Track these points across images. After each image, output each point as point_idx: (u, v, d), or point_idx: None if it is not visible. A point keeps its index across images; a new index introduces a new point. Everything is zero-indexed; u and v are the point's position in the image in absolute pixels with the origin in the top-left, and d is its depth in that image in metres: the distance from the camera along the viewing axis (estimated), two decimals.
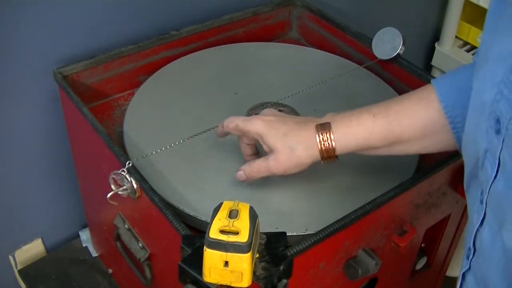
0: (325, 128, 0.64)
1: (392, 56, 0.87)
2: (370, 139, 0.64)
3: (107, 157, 0.71)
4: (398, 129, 0.63)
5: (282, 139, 0.64)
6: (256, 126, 0.65)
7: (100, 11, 0.89)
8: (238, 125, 0.67)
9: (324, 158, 0.64)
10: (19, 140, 0.91)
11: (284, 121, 0.66)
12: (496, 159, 0.45)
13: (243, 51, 0.97)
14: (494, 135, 0.45)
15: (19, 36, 0.82)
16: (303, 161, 0.64)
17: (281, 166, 0.64)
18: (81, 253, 1.02)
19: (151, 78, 0.88)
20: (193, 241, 0.55)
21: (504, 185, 0.45)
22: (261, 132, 0.65)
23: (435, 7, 1.50)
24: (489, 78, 0.47)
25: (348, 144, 0.64)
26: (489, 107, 0.46)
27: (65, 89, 0.79)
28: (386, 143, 0.64)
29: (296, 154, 0.64)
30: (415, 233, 0.71)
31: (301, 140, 0.64)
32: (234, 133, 0.69)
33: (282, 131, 0.64)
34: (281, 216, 0.68)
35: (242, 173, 0.68)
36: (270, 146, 0.65)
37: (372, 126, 0.63)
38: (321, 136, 0.63)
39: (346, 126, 0.64)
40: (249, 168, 0.67)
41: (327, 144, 0.63)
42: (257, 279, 0.53)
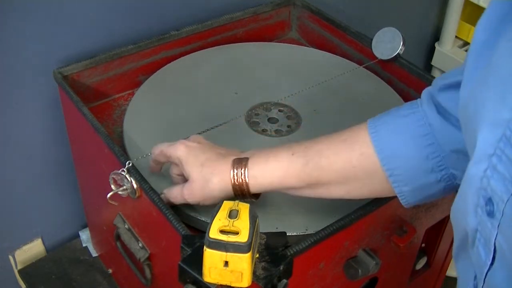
0: (240, 163, 0.61)
1: (392, 56, 0.87)
2: (286, 179, 0.60)
3: (107, 157, 0.71)
4: (315, 171, 0.59)
5: (199, 169, 0.61)
6: (178, 151, 0.63)
7: (100, 11, 0.89)
8: (162, 150, 0.65)
9: (237, 195, 0.61)
10: (19, 140, 0.91)
11: (205, 150, 0.63)
12: (491, 245, 0.40)
13: (243, 51, 0.97)
14: (485, 217, 0.40)
15: (19, 36, 0.82)
16: (215, 194, 0.61)
17: (194, 196, 0.62)
18: (81, 253, 1.02)
19: (151, 78, 0.88)
20: (193, 241, 0.55)
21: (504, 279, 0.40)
22: (181, 158, 0.63)
23: (435, 7, 1.50)
24: (478, 147, 0.41)
25: (263, 182, 0.60)
26: (478, 182, 0.40)
27: (65, 89, 0.79)
28: (304, 184, 0.61)
29: (210, 186, 0.61)
30: (415, 233, 0.71)
31: (215, 173, 0.61)
32: (160, 159, 0.67)
33: (200, 160, 0.62)
34: (281, 216, 0.68)
35: (163, 196, 0.66)
36: (187, 174, 0.63)
37: (287, 166, 0.60)
38: (235, 171, 0.60)
39: (262, 163, 0.61)
40: (168, 194, 0.65)
41: (241, 180, 0.60)
42: (257, 279, 0.53)
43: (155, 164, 0.69)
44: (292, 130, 0.80)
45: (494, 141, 0.39)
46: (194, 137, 0.66)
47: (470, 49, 0.47)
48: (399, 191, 0.59)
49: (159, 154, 0.66)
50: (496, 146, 0.39)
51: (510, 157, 0.38)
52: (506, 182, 0.38)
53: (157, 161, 0.68)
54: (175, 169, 0.67)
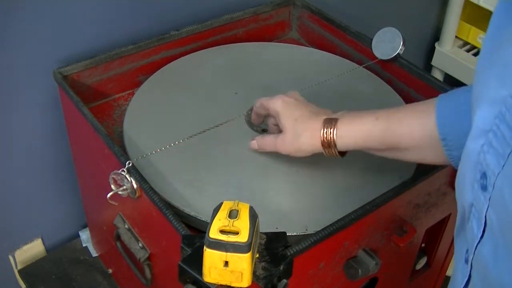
0: (331, 123, 0.66)
1: (392, 56, 0.87)
2: (368, 141, 0.65)
3: (107, 157, 0.71)
4: (395, 135, 0.64)
5: (292, 123, 0.67)
6: (276, 104, 0.69)
7: (100, 11, 0.89)
8: (262, 102, 0.72)
9: (326, 151, 0.66)
10: (19, 140, 0.91)
11: (300, 107, 0.69)
12: (482, 218, 0.41)
13: (243, 51, 0.97)
14: (480, 191, 0.42)
15: (19, 36, 0.82)
16: (304, 148, 0.67)
17: (285, 147, 0.68)
18: (81, 253, 1.02)
19: (151, 78, 0.88)
20: (193, 241, 0.55)
21: (491, 250, 0.41)
22: (278, 111, 0.69)
23: (435, 7, 1.50)
24: (477, 123, 0.43)
25: (348, 141, 0.65)
26: (475, 157, 0.42)
27: (65, 89, 0.79)
28: (384, 146, 0.65)
29: (300, 140, 0.67)
30: (415, 233, 0.71)
31: (307, 129, 0.67)
32: (260, 111, 0.74)
33: (295, 115, 0.68)
34: (281, 216, 0.68)
35: (255, 142, 0.73)
36: (281, 126, 0.69)
37: (371, 129, 0.65)
38: (325, 130, 0.65)
39: (349, 124, 0.66)
40: (261, 140, 0.72)
41: (329, 138, 0.65)
42: (257, 279, 0.53)
43: (256, 116, 0.76)
44: None
45: (491, 118, 0.41)
46: (292, 93, 0.72)
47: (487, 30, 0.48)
48: (449, 154, 0.62)
49: (259, 106, 0.73)
50: (492, 122, 0.41)
51: (503, 132, 0.39)
52: (498, 157, 0.40)
53: (258, 113, 0.75)
54: (271, 120, 0.74)
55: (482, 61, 0.47)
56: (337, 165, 0.74)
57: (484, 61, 0.46)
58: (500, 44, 0.43)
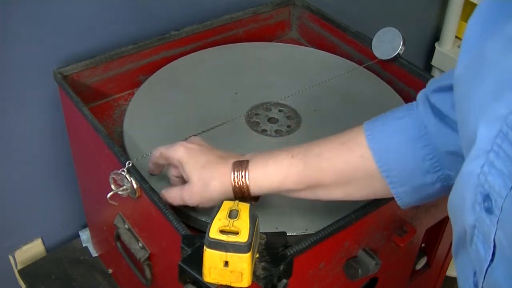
0: (241, 166, 0.61)
1: (392, 56, 0.87)
2: (285, 181, 0.61)
3: (107, 157, 0.71)
4: (315, 173, 0.60)
5: (199, 171, 0.62)
6: (178, 153, 0.63)
7: (100, 11, 0.89)
8: (162, 152, 0.65)
9: (238, 197, 0.61)
10: (19, 140, 0.91)
11: (205, 153, 0.63)
12: (490, 242, 0.39)
13: (243, 51, 0.97)
14: (484, 214, 0.40)
15: (19, 36, 0.82)
16: (215, 197, 0.61)
17: (194, 198, 0.62)
18: (81, 253, 1.02)
19: (151, 78, 0.88)
20: (193, 241, 0.55)
21: (504, 274, 0.39)
22: (181, 160, 0.63)
23: (435, 7, 1.50)
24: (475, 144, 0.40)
25: (263, 184, 0.61)
26: (475, 178, 0.40)
27: (65, 89, 0.79)
28: (304, 186, 0.61)
29: (210, 189, 0.61)
30: (415, 233, 0.71)
31: (216, 175, 0.61)
32: (160, 162, 0.67)
33: (200, 162, 0.62)
34: (281, 216, 0.68)
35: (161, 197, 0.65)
36: (187, 176, 0.63)
37: (288, 168, 0.60)
38: (235, 174, 0.60)
39: (263, 165, 0.61)
40: (166, 195, 0.65)
41: (241, 183, 0.60)
42: (257, 279, 0.53)
43: (155, 167, 0.69)
44: (292, 130, 0.80)
45: (491, 137, 0.39)
46: (193, 139, 0.66)
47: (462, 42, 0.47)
48: (396, 192, 0.60)
49: (158, 156, 0.66)
50: (493, 142, 0.39)
51: (508, 152, 0.38)
52: (504, 178, 0.38)
53: (157, 163, 0.68)
54: (174, 171, 0.67)
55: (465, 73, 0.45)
56: None
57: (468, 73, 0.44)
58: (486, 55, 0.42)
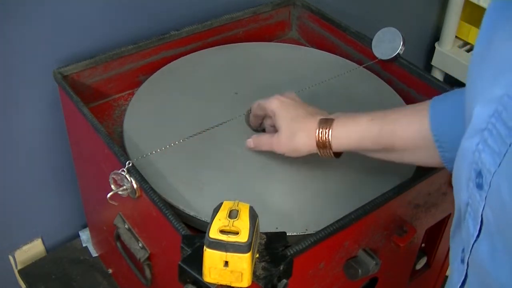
0: (326, 123, 0.66)
1: (392, 56, 0.87)
2: (363, 141, 0.65)
3: (107, 157, 0.71)
4: (390, 136, 0.64)
5: (288, 123, 0.68)
6: (272, 104, 0.70)
7: (100, 11, 0.89)
8: (260, 103, 0.72)
9: (321, 151, 0.67)
10: (19, 140, 0.91)
11: (296, 107, 0.69)
12: (478, 217, 0.41)
13: (243, 51, 0.97)
14: (475, 189, 0.41)
15: (19, 36, 0.82)
16: (300, 148, 0.67)
17: (281, 147, 0.69)
18: (81, 253, 1.02)
19: (151, 78, 0.88)
20: (193, 241, 0.55)
21: (488, 249, 0.41)
22: (274, 111, 0.69)
23: (435, 7, 1.50)
24: (472, 122, 0.43)
25: (343, 142, 0.66)
26: (470, 156, 0.42)
27: (65, 89, 0.79)
28: (380, 148, 0.65)
29: (296, 140, 0.67)
30: (415, 233, 0.71)
31: (303, 129, 0.67)
32: (258, 112, 0.74)
33: (291, 115, 0.68)
34: (281, 216, 0.68)
35: (251, 141, 0.73)
36: (278, 126, 0.69)
37: (366, 129, 0.65)
38: (320, 130, 0.66)
39: (344, 125, 0.66)
40: (257, 139, 0.73)
41: (324, 138, 0.65)
42: (257, 279, 0.53)
43: (254, 118, 0.76)
44: None
45: (486, 116, 0.41)
46: (288, 93, 0.72)
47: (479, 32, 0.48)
48: (442, 155, 0.62)
49: (257, 107, 0.73)
50: (488, 121, 0.41)
51: (500, 131, 0.39)
52: (494, 155, 0.40)
53: (256, 114, 0.75)
54: (269, 121, 0.74)
55: (475, 60, 0.47)
56: (337, 165, 0.74)
57: (476, 60, 0.46)
58: (491, 43, 0.44)
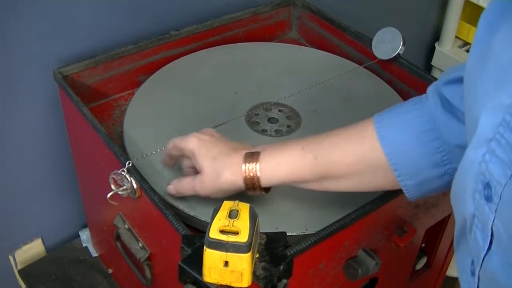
0: (252, 157, 0.62)
1: (392, 56, 0.87)
2: (296, 172, 0.62)
3: (107, 157, 0.71)
4: (325, 164, 0.61)
5: (211, 162, 0.63)
6: (190, 144, 0.64)
7: (100, 11, 0.89)
8: (175, 143, 0.67)
9: (248, 188, 0.63)
10: (19, 140, 0.91)
11: (217, 144, 0.64)
12: (488, 230, 0.40)
13: (243, 51, 0.97)
14: (483, 202, 0.40)
15: (19, 36, 0.82)
16: (226, 188, 0.63)
17: (205, 188, 0.64)
18: (81, 253, 1.02)
19: (151, 78, 0.88)
20: (193, 241, 0.55)
21: (500, 262, 0.40)
22: (193, 150, 0.64)
23: (435, 7, 1.50)
24: (477, 132, 0.41)
25: (274, 175, 0.62)
26: (476, 167, 0.41)
27: (65, 89, 0.79)
28: (315, 177, 0.62)
29: (221, 179, 0.62)
30: (415, 233, 0.71)
31: (227, 166, 0.62)
32: (173, 153, 0.68)
33: (212, 153, 0.63)
34: (281, 216, 0.68)
35: (172, 187, 0.67)
36: (199, 166, 0.64)
37: (299, 159, 0.61)
38: (247, 165, 0.61)
39: (273, 156, 0.62)
40: (178, 184, 0.67)
41: (252, 174, 0.61)
42: (257, 279, 0.53)
43: (169, 159, 0.70)
44: (292, 130, 0.80)
45: (493, 126, 0.39)
46: (206, 130, 0.67)
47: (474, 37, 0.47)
48: (404, 184, 0.60)
49: (172, 147, 0.67)
50: (495, 131, 0.39)
51: (509, 141, 0.38)
52: (504, 166, 0.38)
53: (170, 155, 0.69)
54: (187, 161, 0.68)
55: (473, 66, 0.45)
56: None
57: (476, 66, 0.45)
58: (491, 48, 0.43)
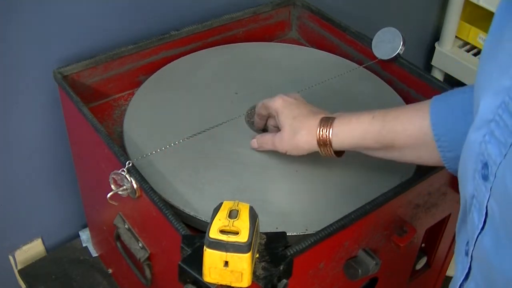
0: (327, 122, 0.66)
1: (392, 56, 0.87)
2: (364, 139, 0.65)
3: (107, 157, 0.71)
4: (390, 134, 0.64)
5: (290, 121, 0.68)
6: (276, 103, 0.71)
7: (100, 11, 0.89)
8: (264, 102, 0.73)
9: (322, 150, 0.67)
10: (19, 140, 0.91)
11: (299, 106, 0.70)
12: (483, 209, 0.41)
13: (243, 51, 0.97)
14: (481, 181, 0.41)
15: (19, 36, 0.82)
16: (301, 146, 0.68)
17: (283, 145, 0.69)
18: (81, 253, 1.02)
19: (151, 78, 0.88)
20: (193, 241, 0.55)
21: (492, 242, 0.41)
22: (277, 109, 0.70)
23: (435, 7, 1.50)
24: (479, 114, 0.42)
25: (344, 140, 0.66)
26: (477, 147, 0.42)
27: (65, 89, 0.79)
28: (380, 146, 0.65)
29: (297, 138, 0.68)
30: (415, 233, 0.71)
31: (304, 127, 0.67)
32: (262, 112, 0.74)
33: (293, 114, 0.69)
34: (281, 216, 0.68)
35: (255, 141, 0.75)
36: (280, 124, 0.70)
37: (367, 127, 0.65)
38: (321, 128, 0.66)
39: (346, 123, 0.66)
40: (260, 138, 0.74)
41: (325, 136, 0.66)
42: (257, 279, 0.53)
43: (259, 119, 0.77)
44: None
45: (494, 108, 0.41)
46: (291, 93, 0.73)
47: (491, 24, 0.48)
48: (443, 155, 0.62)
49: (261, 106, 0.74)
50: (495, 112, 0.40)
51: (506, 122, 0.39)
52: (500, 146, 0.39)
53: (260, 114, 0.75)
54: (272, 121, 0.75)
55: (484, 54, 0.47)
56: (337, 165, 0.74)
57: (486, 54, 0.46)
58: (502, 37, 0.43)
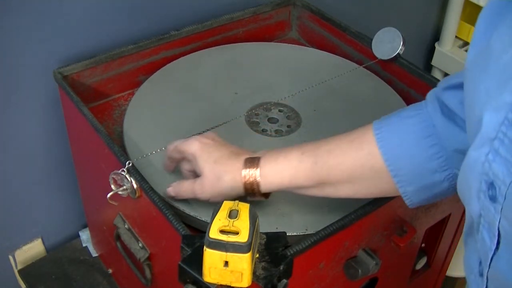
0: (253, 162, 0.62)
1: (392, 56, 0.87)
2: (295, 178, 0.61)
3: (107, 157, 0.71)
4: (324, 170, 0.60)
5: (211, 166, 0.63)
6: (192, 147, 0.64)
7: (100, 11, 0.89)
8: (177, 146, 0.66)
9: (248, 193, 0.62)
10: (19, 140, 0.91)
11: (218, 148, 0.64)
12: (494, 230, 0.40)
13: (243, 51, 0.97)
14: (488, 202, 0.40)
15: (19, 36, 0.82)
16: (226, 192, 0.63)
17: (205, 192, 0.63)
18: (81, 253, 1.02)
19: (151, 78, 0.88)
20: (193, 241, 0.55)
21: (508, 264, 0.40)
22: (195, 153, 0.64)
23: (435, 7, 1.50)
24: (480, 132, 0.41)
25: (274, 181, 0.61)
26: (479, 166, 0.40)
27: (65, 89, 0.79)
28: (313, 183, 0.62)
29: (221, 183, 0.62)
30: (415, 233, 0.71)
31: (228, 170, 0.62)
32: (174, 155, 0.68)
33: (213, 157, 0.63)
34: (281, 216, 0.68)
35: (171, 189, 0.67)
36: (200, 170, 0.64)
37: (298, 165, 0.61)
38: (247, 170, 0.61)
39: (273, 162, 0.62)
40: (177, 187, 0.66)
41: (252, 179, 0.61)
42: (257, 279, 0.53)
43: (170, 162, 0.70)
44: (292, 130, 0.80)
45: (496, 125, 0.39)
46: (208, 134, 0.67)
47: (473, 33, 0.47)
48: (403, 191, 0.60)
49: (173, 150, 0.67)
50: (498, 129, 0.39)
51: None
52: (508, 165, 0.38)
53: (171, 158, 0.68)
54: (187, 165, 0.68)
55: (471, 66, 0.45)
56: None
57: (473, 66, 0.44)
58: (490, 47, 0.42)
